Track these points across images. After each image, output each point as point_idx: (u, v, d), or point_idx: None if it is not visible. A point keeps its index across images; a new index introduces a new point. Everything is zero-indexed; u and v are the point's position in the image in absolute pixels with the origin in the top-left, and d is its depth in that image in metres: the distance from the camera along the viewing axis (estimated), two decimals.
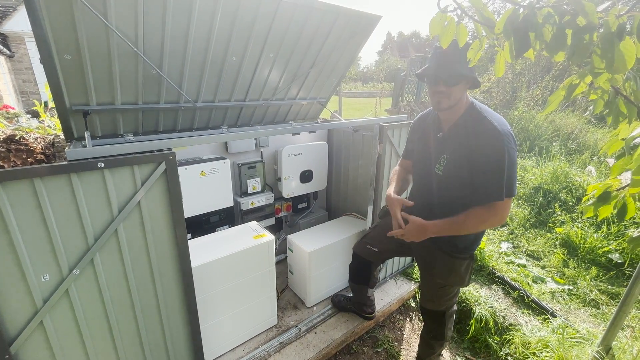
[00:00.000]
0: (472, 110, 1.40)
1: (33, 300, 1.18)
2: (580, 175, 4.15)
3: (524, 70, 7.79)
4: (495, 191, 1.31)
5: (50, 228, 1.14)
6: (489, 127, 1.31)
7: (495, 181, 1.30)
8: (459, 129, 1.41)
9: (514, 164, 1.31)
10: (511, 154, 1.29)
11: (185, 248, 1.44)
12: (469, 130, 1.37)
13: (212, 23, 1.79)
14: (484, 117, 1.35)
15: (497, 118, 1.36)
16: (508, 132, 1.32)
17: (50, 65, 1.55)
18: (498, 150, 1.28)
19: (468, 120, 1.39)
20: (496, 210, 1.33)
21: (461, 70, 1.33)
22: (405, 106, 6.52)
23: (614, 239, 3.10)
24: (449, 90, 1.36)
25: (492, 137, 1.29)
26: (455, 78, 1.34)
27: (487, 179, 1.31)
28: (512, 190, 1.32)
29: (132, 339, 1.46)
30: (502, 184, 1.29)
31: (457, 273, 1.54)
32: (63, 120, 1.82)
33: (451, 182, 1.44)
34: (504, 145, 1.27)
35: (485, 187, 1.32)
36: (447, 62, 1.34)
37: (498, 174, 1.29)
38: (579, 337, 2.13)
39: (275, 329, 2.20)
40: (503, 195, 1.31)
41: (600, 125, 6.46)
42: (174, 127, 2.32)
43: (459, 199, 1.45)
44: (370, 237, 2.01)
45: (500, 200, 1.31)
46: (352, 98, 18.14)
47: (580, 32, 0.76)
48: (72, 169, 1.12)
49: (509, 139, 1.30)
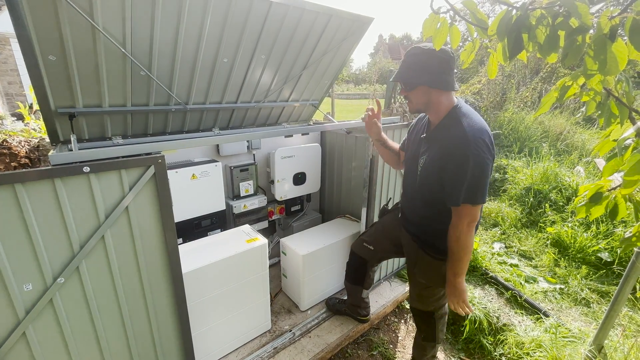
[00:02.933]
0: (453, 113, 1.41)
1: (15, 311, 1.13)
2: (570, 175, 4.21)
3: (513, 72, 7.91)
4: (455, 195, 1.33)
5: (33, 235, 1.10)
6: (459, 131, 1.32)
7: (455, 185, 1.31)
8: (438, 132, 1.44)
9: (480, 171, 1.28)
10: (478, 160, 1.27)
11: (175, 254, 1.40)
12: (444, 134, 1.39)
13: (202, 23, 1.76)
14: (459, 121, 1.35)
15: (473, 122, 1.34)
16: (479, 138, 1.29)
17: (34, 67, 1.50)
18: (461, 155, 1.29)
19: (447, 123, 1.41)
20: (459, 215, 1.36)
21: (410, 78, 1.40)
22: (397, 108, 6.56)
23: (603, 238, 3.15)
24: (409, 95, 1.46)
25: (458, 142, 1.30)
26: (408, 85, 1.43)
27: (450, 182, 1.34)
28: (474, 197, 1.31)
29: (120, 349, 1.41)
30: (461, 188, 1.30)
31: (438, 274, 1.55)
32: (48, 123, 1.77)
33: (427, 182, 1.47)
34: (469, 151, 1.27)
35: (450, 191, 1.35)
36: (402, 69, 1.43)
37: (458, 178, 1.30)
38: (571, 337, 2.15)
39: (269, 334, 2.16)
40: (459, 201, 1.32)
41: (587, 126, 6.59)
42: (164, 130, 2.28)
43: (430, 199, 1.49)
44: (367, 234, 2.03)
45: (456, 205, 1.34)
46: (344, 100, 18.19)
47: (573, 33, 0.76)
48: (56, 173, 1.08)
49: (478, 145, 1.28)
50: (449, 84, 1.38)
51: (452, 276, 1.46)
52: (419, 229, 1.61)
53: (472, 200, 1.31)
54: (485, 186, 1.32)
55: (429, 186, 1.46)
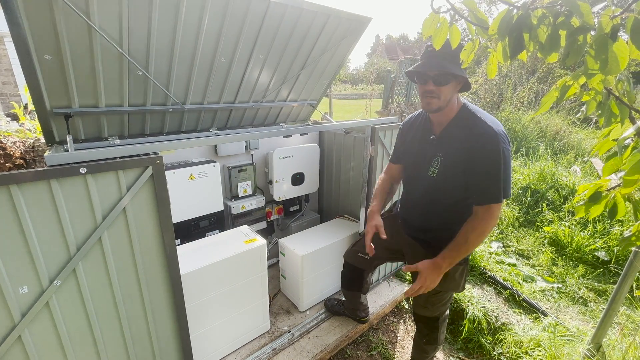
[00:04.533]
0: (465, 111, 1.39)
1: (10, 314, 1.11)
2: (566, 174, 4.24)
3: (510, 72, 7.96)
4: (494, 192, 1.30)
5: (29, 237, 1.08)
6: (485, 128, 1.30)
7: (493, 182, 1.29)
8: (454, 131, 1.39)
9: (509, 165, 1.31)
10: (506, 154, 1.29)
11: (173, 255, 1.39)
12: (465, 132, 1.35)
13: (200, 22, 1.75)
14: (478, 118, 1.34)
15: (491, 119, 1.35)
16: (502, 132, 1.31)
17: (29, 67, 1.48)
18: (495, 151, 1.27)
19: (462, 121, 1.38)
20: (492, 213, 1.32)
21: (451, 69, 1.28)
22: (395, 108, 6.57)
23: (599, 237, 3.17)
24: (439, 90, 1.32)
25: (488, 138, 1.28)
26: (444, 77, 1.30)
27: (484, 180, 1.30)
28: (507, 191, 1.32)
29: (117, 352, 1.39)
30: (500, 185, 1.29)
31: (452, 279, 1.52)
32: (44, 124, 1.75)
33: (445, 184, 1.42)
34: (500, 146, 1.27)
35: (483, 189, 1.32)
36: (437, 61, 1.29)
37: (495, 175, 1.28)
38: (569, 335, 2.16)
39: (268, 335, 2.15)
40: (501, 197, 1.30)
41: (583, 126, 6.64)
42: (161, 130, 2.26)
43: (452, 202, 1.44)
44: (360, 244, 1.93)
45: (498, 202, 1.31)
46: (342, 100, 18.20)
47: (574, 33, 0.76)
48: (52, 174, 1.07)
49: (504, 140, 1.30)
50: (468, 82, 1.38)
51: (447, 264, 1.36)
52: (431, 234, 1.55)
53: (505, 194, 1.31)
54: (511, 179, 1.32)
55: (452, 188, 1.41)
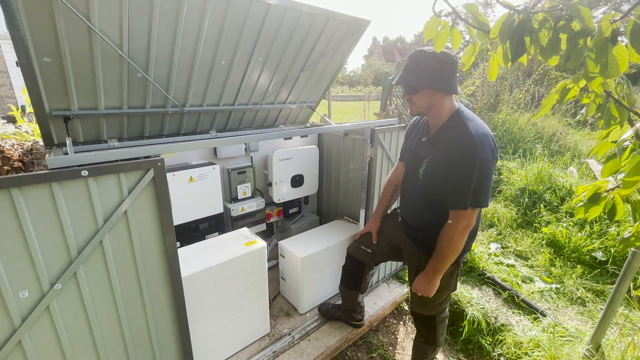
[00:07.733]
0: (456, 117, 1.41)
1: (10, 318, 1.10)
2: (563, 176, 4.27)
3: (506, 74, 8.02)
4: (461, 199, 1.33)
5: (30, 241, 1.07)
6: (466, 135, 1.32)
7: (462, 189, 1.32)
8: (442, 135, 1.44)
9: (485, 175, 1.31)
10: (483, 165, 1.29)
11: (175, 258, 1.39)
12: (448, 137, 1.39)
13: (200, 25, 1.75)
14: (464, 124, 1.36)
15: (478, 127, 1.36)
16: (486, 142, 1.31)
17: (29, 69, 1.48)
18: (469, 160, 1.29)
19: (450, 126, 1.41)
20: (458, 218, 1.35)
21: (414, 81, 1.38)
22: (393, 109, 6.59)
23: (597, 237, 3.19)
24: (412, 98, 1.44)
25: (465, 146, 1.31)
26: (411, 88, 1.41)
27: (455, 186, 1.34)
28: (479, 200, 1.33)
29: (118, 356, 1.38)
30: (468, 193, 1.31)
31: (443, 278, 1.54)
32: (42, 126, 1.74)
33: (430, 186, 1.47)
34: (476, 155, 1.28)
35: (452, 194, 1.35)
36: (406, 73, 1.41)
37: (465, 183, 1.31)
38: (568, 336, 2.17)
39: (268, 338, 2.15)
40: (467, 204, 1.33)
41: (579, 127, 6.70)
42: (160, 132, 2.25)
43: (438, 204, 1.48)
44: (364, 237, 2.00)
45: (464, 208, 1.34)
46: (340, 102, 18.25)
47: (575, 37, 0.77)
48: (54, 177, 1.06)
49: (485, 150, 1.30)
50: (451, 87, 1.39)
51: (431, 272, 1.47)
52: (422, 233, 1.60)
53: (476, 204, 1.33)
54: (489, 190, 1.34)
55: (433, 190, 1.46)
